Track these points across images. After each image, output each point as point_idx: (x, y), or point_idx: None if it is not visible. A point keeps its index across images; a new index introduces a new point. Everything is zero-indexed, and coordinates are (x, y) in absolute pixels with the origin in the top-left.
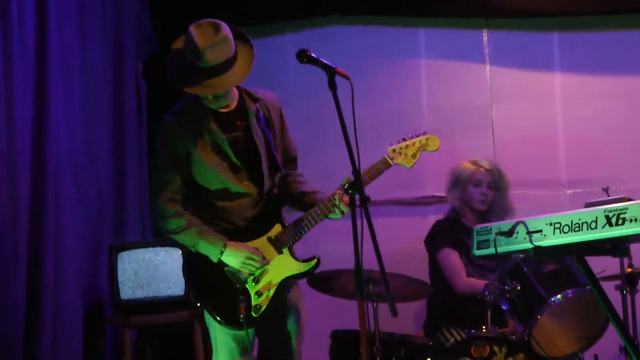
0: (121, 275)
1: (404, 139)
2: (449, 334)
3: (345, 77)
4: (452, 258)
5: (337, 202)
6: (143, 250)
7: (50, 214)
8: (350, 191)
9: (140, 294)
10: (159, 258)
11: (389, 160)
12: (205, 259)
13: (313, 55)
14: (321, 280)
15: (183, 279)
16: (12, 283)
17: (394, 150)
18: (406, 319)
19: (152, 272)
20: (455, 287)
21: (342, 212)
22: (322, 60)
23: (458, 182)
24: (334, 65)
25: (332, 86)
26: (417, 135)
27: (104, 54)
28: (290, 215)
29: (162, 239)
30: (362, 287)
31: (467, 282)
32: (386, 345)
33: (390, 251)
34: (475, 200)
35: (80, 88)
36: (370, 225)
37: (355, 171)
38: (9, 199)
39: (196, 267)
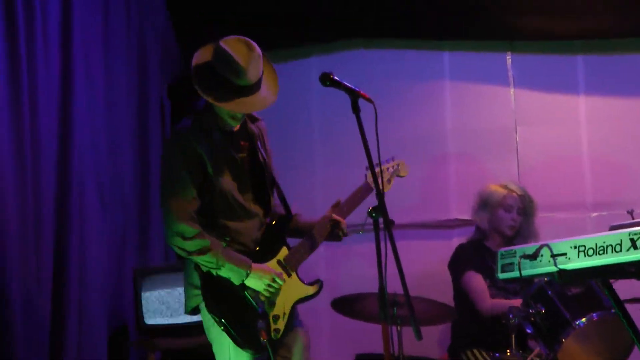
0: (145, 300)
1: (377, 165)
2: (474, 356)
3: (369, 100)
4: (476, 281)
5: (334, 225)
6: (167, 275)
7: (75, 232)
8: (374, 215)
9: (164, 319)
10: (182, 281)
11: (370, 185)
12: (223, 281)
13: (336, 78)
14: (345, 303)
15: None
16: (37, 300)
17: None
18: (430, 342)
19: (176, 296)
20: (481, 311)
21: (344, 234)
22: (345, 83)
23: (487, 204)
24: (357, 89)
25: (356, 109)
26: (388, 161)
27: (129, 72)
28: None
29: None
30: (386, 310)
31: (492, 303)
32: None
33: (414, 274)
34: (505, 225)
35: (104, 105)
36: (394, 248)
37: (379, 194)
38: (33, 212)
39: (215, 289)
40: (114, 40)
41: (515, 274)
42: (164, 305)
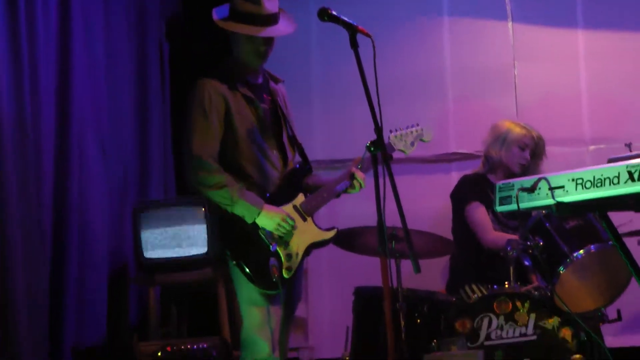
0: (144, 235)
1: (402, 129)
2: (471, 290)
3: (367, 35)
4: (480, 212)
5: (356, 176)
6: (167, 209)
7: (75, 174)
8: (372, 149)
9: (163, 253)
10: (182, 217)
11: (393, 145)
12: (238, 219)
13: (334, 13)
14: (345, 237)
15: (205, 237)
16: (38, 244)
17: (395, 137)
18: (429, 275)
19: (175, 230)
20: (483, 242)
21: (360, 186)
22: (343, 18)
23: (504, 140)
24: (355, 23)
25: (354, 44)
26: (413, 126)
27: (127, 14)
28: None
29: (185, 197)
30: (384, 244)
31: (495, 236)
32: (409, 301)
33: (413, 208)
34: (516, 163)
35: (104, 48)
36: (393, 182)
37: (378, 129)
38: (34, 159)
39: (229, 226)
40: None
41: (513, 206)
42: (163, 238)
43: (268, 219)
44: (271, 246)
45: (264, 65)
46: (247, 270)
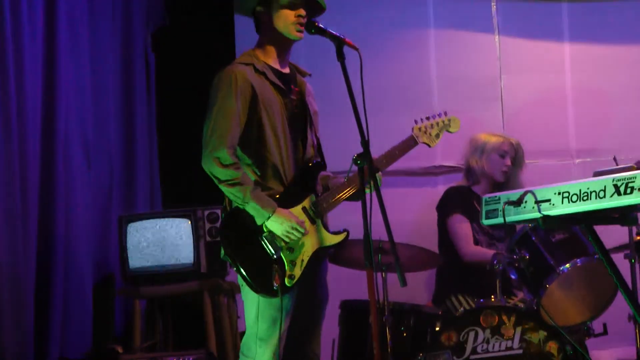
0: (130, 246)
1: (428, 118)
2: (458, 302)
3: (354, 47)
4: (461, 224)
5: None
6: (153, 221)
7: (60, 184)
8: (359, 162)
9: (149, 264)
10: (168, 229)
11: (416, 138)
12: (245, 222)
13: (321, 25)
14: (337, 245)
15: (192, 249)
16: (23, 254)
17: (419, 129)
18: (416, 289)
19: (161, 242)
20: (461, 255)
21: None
22: (329, 30)
23: (483, 150)
24: (342, 36)
25: (341, 56)
26: (440, 115)
27: (114, 25)
28: None
29: (171, 210)
30: (371, 257)
31: (474, 250)
32: (395, 315)
33: (399, 221)
34: (498, 170)
35: (90, 58)
36: (379, 195)
37: (364, 142)
38: (19, 168)
39: (233, 229)
40: None
41: (499, 220)
42: (149, 250)
43: (278, 224)
44: (274, 254)
45: (301, 37)
46: (246, 275)
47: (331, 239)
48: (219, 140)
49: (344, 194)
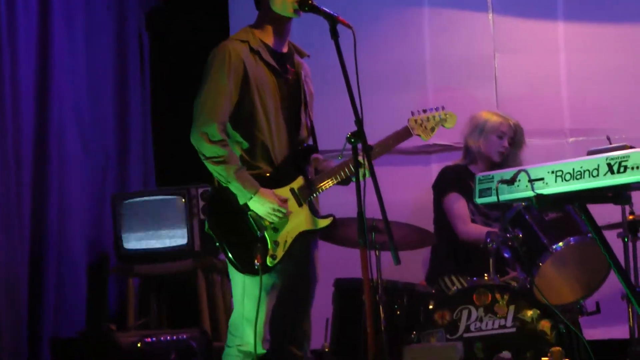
0: (124, 224)
1: (424, 111)
2: (451, 282)
3: (348, 25)
4: (458, 203)
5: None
6: (146, 199)
7: (54, 165)
8: (353, 140)
9: (143, 243)
10: (162, 207)
11: (411, 130)
12: (230, 199)
13: (314, 3)
14: (325, 229)
15: (186, 228)
16: (17, 235)
17: (415, 121)
18: (409, 267)
19: (155, 221)
20: (458, 233)
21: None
22: (323, 8)
23: (482, 130)
24: (335, 14)
25: (334, 35)
26: (437, 109)
27: (108, 5)
28: None
29: (165, 187)
30: (364, 235)
31: (471, 227)
32: (389, 293)
33: (393, 200)
34: (495, 151)
35: (84, 41)
36: (373, 174)
37: (358, 120)
38: (13, 151)
39: (219, 207)
40: None
41: (492, 198)
42: (143, 228)
43: (260, 205)
44: (258, 231)
45: (298, 16)
46: (229, 254)
47: (317, 223)
48: (209, 116)
49: (333, 178)
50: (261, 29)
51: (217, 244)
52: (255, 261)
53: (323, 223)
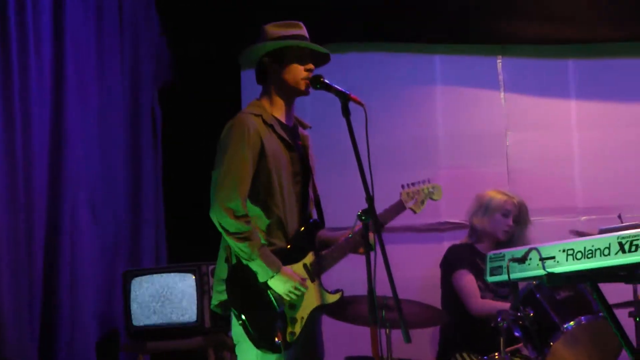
0: (135, 302)
1: (413, 184)
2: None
3: (359, 103)
4: (468, 280)
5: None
6: (157, 276)
7: (66, 238)
8: (363, 217)
9: (154, 320)
10: (173, 284)
11: (404, 203)
12: (250, 276)
13: (326, 81)
14: (335, 306)
15: (196, 305)
16: (28, 308)
17: (407, 194)
18: (420, 345)
19: (166, 298)
20: (470, 309)
21: (371, 249)
22: (335, 86)
23: (487, 209)
24: (347, 92)
25: (346, 112)
26: (424, 182)
27: (122, 80)
28: None
29: (176, 264)
30: (375, 313)
31: (483, 303)
32: None
33: (404, 278)
34: (500, 230)
35: (97, 112)
36: (384, 251)
37: (369, 198)
38: (25, 222)
39: (239, 282)
40: (108, 48)
41: (503, 277)
42: (154, 306)
43: (281, 283)
44: (278, 308)
45: (309, 93)
46: (251, 330)
47: (327, 298)
48: (232, 190)
49: (344, 253)
50: (270, 102)
51: (240, 321)
52: (276, 338)
53: (333, 298)
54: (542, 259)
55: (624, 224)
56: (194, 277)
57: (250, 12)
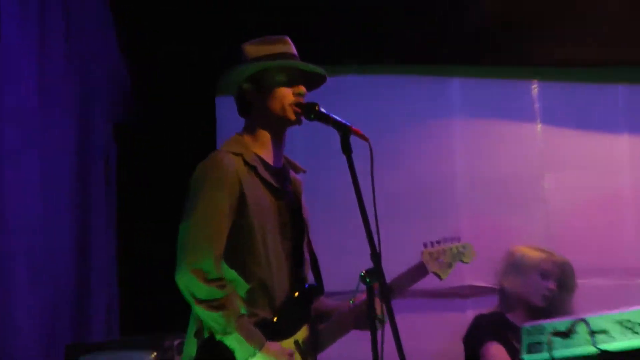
0: None
1: (439, 242)
2: None
3: (363, 137)
4: (499, 353)
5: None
6: (109, 353)
7: None
8: (368, 280)
9: None
10: None
11: (426, 266)
12: (224, 354)
13: (323, 110)
14: None
15: None
16: None
17: (430, 254)
18: None
19: None
20: None
21: (381, 322)
22: (333, 116)
23: (520, 268)
24: (348, 124)
25: (347, 149)
26: (452, 241)
27: (70, 113)
28: None
29: (133, 337)
30: None
31: None
32: None
33: (421, 351)
34: (538, 294)
35: (39, 156)
36: (393, 322)
37: (375, 254)
38: None
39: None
40: (53, 80)
41: (544, 355)
42: None
43: None
44: None
45: (300, 123)
46: None
47: None
48: (203, 247)
49: (345, 328)
50: (254, 137)
51: None
52: None
53: None
54: (591, 333)
55: None
56: (154, 354)
57: (231, 27)
